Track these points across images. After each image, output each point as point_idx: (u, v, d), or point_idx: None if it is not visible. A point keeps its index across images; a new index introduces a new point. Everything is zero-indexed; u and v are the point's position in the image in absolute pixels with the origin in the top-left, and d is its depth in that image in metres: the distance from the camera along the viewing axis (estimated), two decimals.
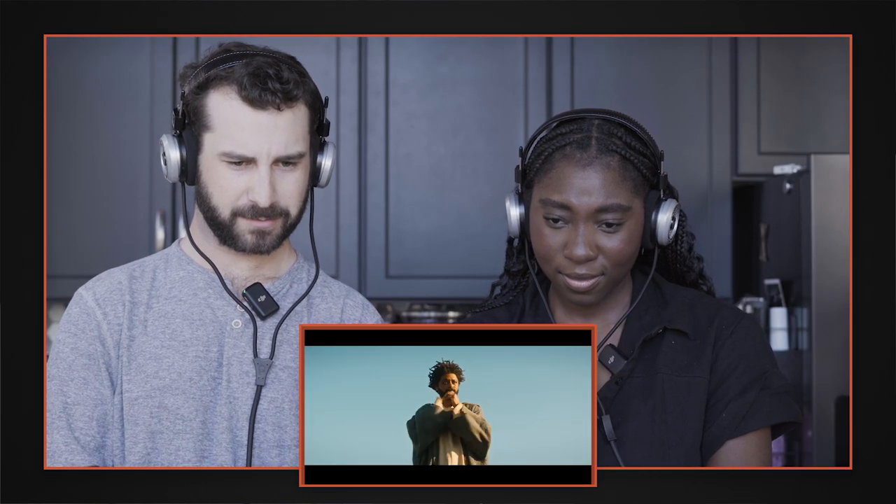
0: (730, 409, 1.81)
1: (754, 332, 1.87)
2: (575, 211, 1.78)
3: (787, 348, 3.19)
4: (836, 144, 3.35)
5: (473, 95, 3.41)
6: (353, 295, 1.97)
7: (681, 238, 1.92)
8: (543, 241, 1.82)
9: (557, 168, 1.81)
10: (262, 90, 1.77)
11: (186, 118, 1.83)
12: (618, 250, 1.80)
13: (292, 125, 1.80)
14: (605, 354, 1.84)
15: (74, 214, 3.35)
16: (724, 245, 3.41)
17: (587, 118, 1.84)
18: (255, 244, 1.83)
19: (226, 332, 1.86)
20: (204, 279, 1.89)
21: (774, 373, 1.85)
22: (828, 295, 3.04)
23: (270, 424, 1.84)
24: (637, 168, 1.81)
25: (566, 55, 3.40)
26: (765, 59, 3.41)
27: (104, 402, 1.84)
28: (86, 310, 1.86)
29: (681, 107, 3.41)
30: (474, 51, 3.41)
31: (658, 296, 1.90)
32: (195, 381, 1.84)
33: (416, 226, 3.41)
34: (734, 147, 3.42)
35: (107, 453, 1.83)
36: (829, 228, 3.04)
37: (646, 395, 1.82)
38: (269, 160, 1.79)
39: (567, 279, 1.81)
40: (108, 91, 3.37)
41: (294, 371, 1.86)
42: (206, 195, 1.83)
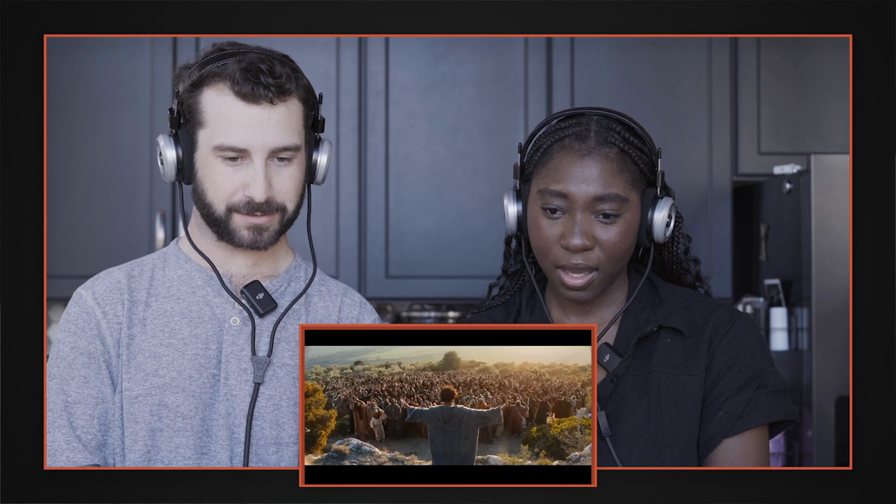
0: (726, 408, 1.82)
1: (750, 330, 1.87)
2: (573, 199, 1.79)
3: (787, 348, 3.19)
4: (836, 144, 3.35)
5: (473, 95, 3.41)
6: (350, 293, 1.98)
7: (677, 239, 1.92)
8: (541, 233, 1.82)
9: (556, 158, 1.81)
10: (254, 84, 1.78)
11: (182, 117, 1.84)
12: (614, 243, 1.80)
13: (286, 119, 1.81)
14: (601, 353, 1.84)
15: (74, 214, 3.35)
16: (723, 245, 3.41)
17: (586, 114, 1.85)
18: (252, 240, 1.84)
19: (224, 329, 1.86)
20: (202, 277, 1.89)
21: (771, 371, 1.85)
22: (828, 295, 3.04)
23: (268, 422, 1.84)
24: (635, 162, 1.82)
25: (566, 55, 3.41)
26: (765, 59, 3.41)
27: (105, 400, 1.84)
28: (85, 309, 1.87)
29: (681, 107, 3.41)
30: (474, 51, 3.41)
31: (654, 294, 1.90)
32: (194, 378, 1.84)
33: (416, 226, 3.41)
34: (734, 147, 3.42)
35: (108, 452, 1.84)
36: (829, 228, 3.04)
37: (641, 393, 1.82)
38: (263, 154, 1.80)
39: (563, 275, 1.82)
40: (108, 91, 3.37)
41: (291, 369, 1.86)
42: (201, 192, 1.84)
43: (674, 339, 1.86)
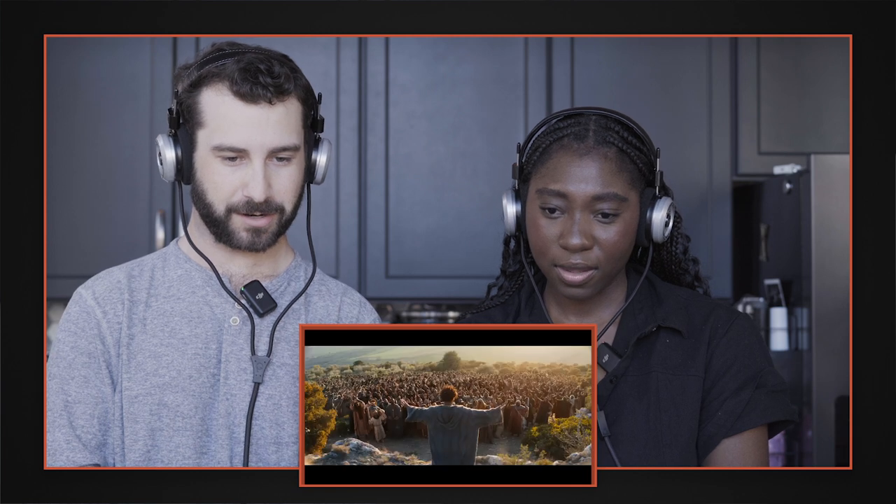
0: (725, 408, 1.82)
1: (749, 330, 1.87)
2: (571, 199, 1.79)
3: (787, 348, 3.19)
4: (836, 144, 3.35)
5: (473, 95, 3.41)
6: (350, 293, 1.98)
7: (675, 239, 1.92)
8: (539, 233, 1.82)
9: (555, 158, 1.81)
10: (253, 84, 1.79)
11: (181, 117, 1.84)
12: (613, 242, 1.80)
13: (285, 118, 1.81)
14: (600, 353, 1.84)
15: (74, 214, 3.35)
16: (723, 245, 3.41)
17: (585, 114, 1.85)
18: (250, 241, 1.84)
19: (224, 329, 1.87)
20: (202, 277, 1.89)
21: (770, 371, 1.85)
22: (828, 295, 3.04)
23: (268, 421, 1.84)
24: (633, 161, 1.82)
25: (566, 55, 3.41)
26: (765, 59, 3.41)
27: (105, 400, 1.84)
28: (85, 309, 1.87)
29: (681, 107, 3.41)
30: (474, 51, 3.41)
31: (652, 294, 1.90)
32: (194, 378, 1.84)
33: (416, 226, 3.41)
34: (734, 147, 3.42)
35: (108, 451, 1.84)
36: (829, 228, 3.04)
37: (640, 393, 1.82)
38: (262, 154, 1.80)
39: (561, 272, 1.81)
40: (108, 91, 3.37)
41: (291, 369, 1.86)
42: (201, 192, 1.84)
43: (673, 340, 1.86)
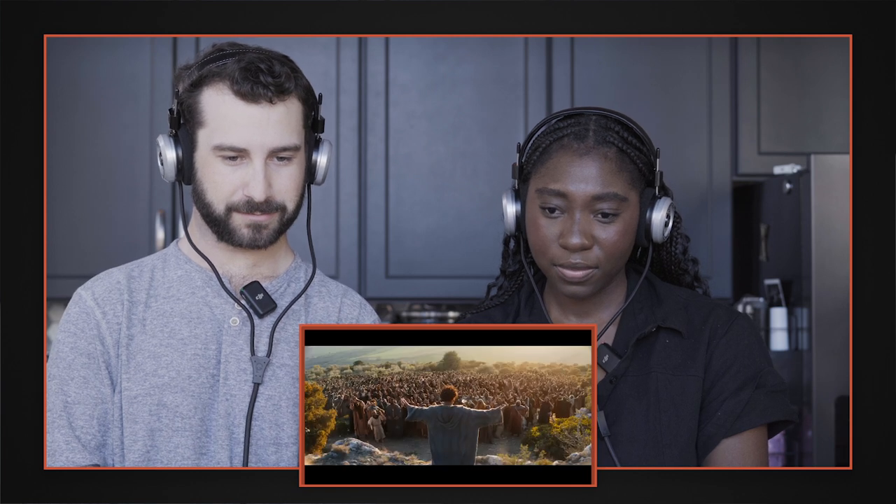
0: (725, 408, 1.82)
1: (749, 330, 1.87)
2: (571, 199, 1.79)
3: (787, 348, 3.19)
4: (836, 144, 3.35)
5: (473, 95, 3.41)
6: (350, 294, 1.98)
7: (675, 239, 1.92)
8: (539, 232, 1.82)
9: (554, 158, 1.81)
10: (253, 84, 1.79)
11: (181, 117, 1.84)
12: (612, 242, 1.80)
13: (286, 118, 1.81)
14: (600, 353, 1.84)
15: (74, 214, 3.35)
16: (723, 245, 3.41)
17: (585, 113, 1.85)
18: (251, 238, 1.84)
19: (223, 329, 1.87)
20: (202, 278, 1.89)
21: (769, 371, 1.85)
22: (828, 295, 3.04)
23: (267, 422, 1.84)
24: (633, 161, 1.82)
25: (566, 55, 3.41)
26: (765, 59, 3.41)
27: (104, 400, 1.84)
28: (85, 309, 1.87)
29: (681, 107, 3.41)
30: (474, 51, 3.41)
31: (652, 295, 1.90)
32: (194, 378, 1.84)
33: (415, 226, 3.41)
34: (734, 147, 3.42)
35: (107, 452, 1.84)
36: (829, 228, 3.04)
37: (640, 394, 1.82)
38: (263, 153, 1.80)
39: (561, 270, 1.81)
40: (108, 91, 3.37)
41: (291, 369, 1.86)
42: (201, 192, 1.84)
43: (672, 340, 1.86)
